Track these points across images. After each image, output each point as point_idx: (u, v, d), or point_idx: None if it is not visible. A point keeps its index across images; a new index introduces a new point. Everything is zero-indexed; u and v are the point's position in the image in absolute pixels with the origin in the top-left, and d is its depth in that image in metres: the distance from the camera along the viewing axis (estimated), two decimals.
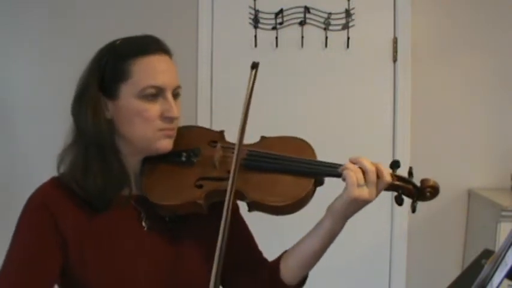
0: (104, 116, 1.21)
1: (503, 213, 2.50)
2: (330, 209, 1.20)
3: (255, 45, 2.94)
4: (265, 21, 2.95)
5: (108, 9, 2.95)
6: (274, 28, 2.94)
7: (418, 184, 1.21)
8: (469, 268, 1.22)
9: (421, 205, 1.27)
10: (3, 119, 3.01)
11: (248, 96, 1.13)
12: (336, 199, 1.19)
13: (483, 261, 1.08)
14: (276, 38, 2.94)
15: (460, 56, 2.94)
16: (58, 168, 1.24)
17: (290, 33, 2.95)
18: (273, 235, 2.08)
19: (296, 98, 2.97)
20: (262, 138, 1.31)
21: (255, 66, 1.16)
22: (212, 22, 2.95)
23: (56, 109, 3.00)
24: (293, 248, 1.27)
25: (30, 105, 2.99)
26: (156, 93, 1.19)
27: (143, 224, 1.23)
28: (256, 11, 2.94)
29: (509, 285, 1.06)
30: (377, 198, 1.25)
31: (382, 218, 2.94)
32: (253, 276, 1.30)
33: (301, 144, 1.28)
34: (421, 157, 2.90)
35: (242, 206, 1.26)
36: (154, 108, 1.19)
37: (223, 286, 1.32)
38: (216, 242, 1.04)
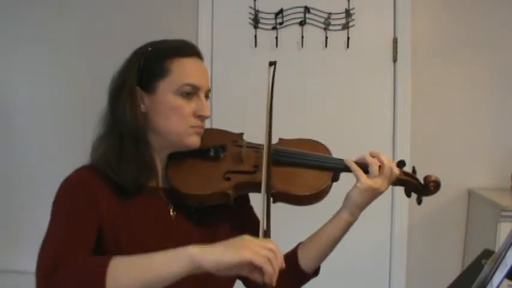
0: (140, 109, 1.28)
1: (503, 213, 2.50)
2: (346, 199, 1.35)
3: (255, 45, 2.94)
4: (265, 21, 2.95)
5: (108, 9, 2.95)
6: (274, 28, 2.94)
7: (422, 181, 1.39)
8: (469, 268, 1.23)
9: (421, 205, 1.41)
10: (3, 119, 3.01)
11: (270, 94, 1.28)
12: (351, 190, 1.34)
13: (483, 261, 1.08)
14: (276, 38, 2.94)
15: (460, 56, 2.94)
16: (91, 155, 1.30)
17: (290, 33, 2.95)
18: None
19: (296, 98, 2.97)
20: (281, 140, 1.43)
21: (272, 63, 1.32)
22: (212, 22, 2.95)
23: (56, 108, 3.01)
24: (311, 238, 1.38)
25: (30, 104, 2.99)
26: (191, 92, 1.28)
27: (171, 213, 1.30)
28: (256, 11, 2.94)
29: (509, 285, 1.06)
30: (377, 199, 1.32)
31: (382, 218, 2.94)
32: None
33: (318, 145, 1.43)
34: (421, 157, 2.90)
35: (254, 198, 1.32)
36: (189, 106, 1.28)
37: (241, 280, 1.39)
38: (239, 228, 1.22)
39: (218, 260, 1.03)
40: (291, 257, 1.37)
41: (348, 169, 1.34)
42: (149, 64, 1.28)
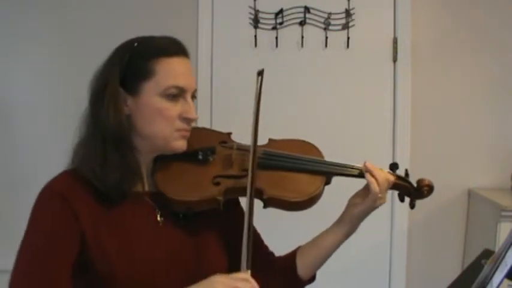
0: (123, 111, 1.23)
1: (503, 213, 2.50)
2: (349, 211, 1.33)
3: (255, 45, 2.94)
4: (265, 21, 2.94)
5: (108, 9, 2.95)
6: (274, 28, 2.94)
7: (415, 184, 1.37)
8: (469, 268, 1.22)
9: (421, 205, 1.41)
10: (3, 119, 3.01)
11: (257, 102, 1.26)
12: (356, 202, 1.32)
13: (483, 261, 1.08)
14: (276, 38, 2.94)
15: (460, 56, 2.94)
16: (73, 159, 1.26)
17: (290, 33, 2.95)
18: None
19: (296, 98, 2.97)
20: (271, 140, 1.38)
21: (260, 73, 1.29)
22: (212, 22, 2.95)
23: (56, 108, 3.01)
24: (310, 245, 1.36)
25: (30, 104, 2.99)
26: (177, 94, 1.22)
27: (158, 219, 1.26)
28: (256, 11, 2.94)
29: (509, 285, 1.06)
30: None
31: (382, 218, 2.94)
32: (266, 271, 1.33)
33: (309, 147, 1.37)
34: (421, 157, 2.90)
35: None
36: (175, 108, 1.22)
37: None
38: (228, 233, 1.19)
39: None
40: (289, 263, 1.35)
41: (342, 173, 1.32)
42: (133, 64, 1.22)
